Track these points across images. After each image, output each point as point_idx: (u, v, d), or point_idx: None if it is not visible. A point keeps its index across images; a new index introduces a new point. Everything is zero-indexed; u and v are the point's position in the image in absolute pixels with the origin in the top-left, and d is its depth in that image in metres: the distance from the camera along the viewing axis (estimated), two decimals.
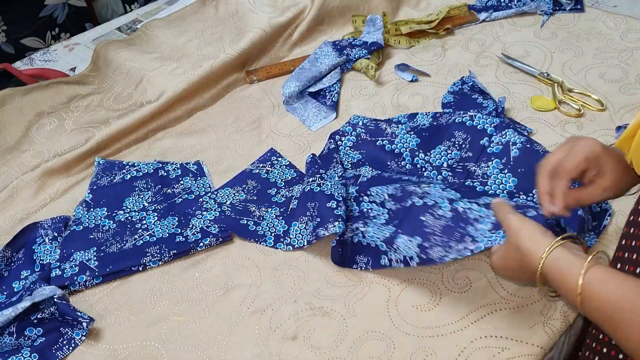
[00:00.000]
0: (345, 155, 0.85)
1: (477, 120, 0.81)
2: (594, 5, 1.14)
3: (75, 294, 0.70)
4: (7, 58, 1.30)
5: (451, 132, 0.81)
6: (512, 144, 0.78)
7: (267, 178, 0.83)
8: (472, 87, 0.94)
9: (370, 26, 1.09)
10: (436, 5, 1.18)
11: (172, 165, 0.86)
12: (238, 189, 0.82)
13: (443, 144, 0.81)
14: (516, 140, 0.78)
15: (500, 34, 1.10)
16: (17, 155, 0.89)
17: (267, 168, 0.85)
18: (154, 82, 0.98)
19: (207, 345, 0.63)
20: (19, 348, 0.63)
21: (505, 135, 0.78)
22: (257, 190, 0.81)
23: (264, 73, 1.05)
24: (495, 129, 0.79)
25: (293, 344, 0.62)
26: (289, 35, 1.11)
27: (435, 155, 0.81)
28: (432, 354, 0.60)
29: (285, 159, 0.86)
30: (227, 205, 0.79)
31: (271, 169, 0.85)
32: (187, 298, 0.68)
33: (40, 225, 0.76)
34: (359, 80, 1.02)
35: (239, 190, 0.82)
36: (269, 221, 0.76)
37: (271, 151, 0.88)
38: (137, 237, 0.74)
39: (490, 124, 0.80)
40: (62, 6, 1.41)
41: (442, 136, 0.82)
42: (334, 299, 0.67)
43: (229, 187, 0.82)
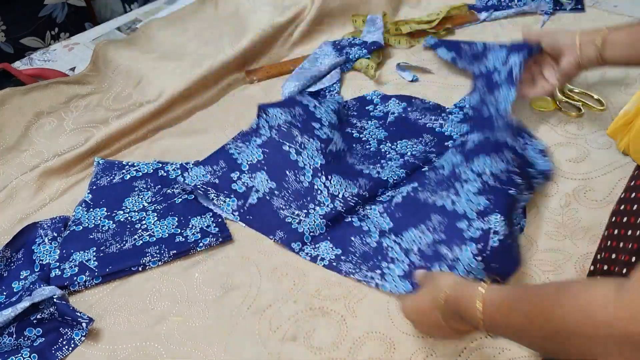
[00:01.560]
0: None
1: (447, 128, 0.87)
2: (594, 5, 1.14)
3: (74, 294, 0.70)
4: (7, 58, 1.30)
5: (420, 133, 0.87)
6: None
7: (313, 112, 0.85)
8: None
9: (370, 26, 1.09)
10: (436, 5, 1.18)
11: (172, 165, 0.86)
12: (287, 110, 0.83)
13: (410, 139, 0.87)
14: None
15: (500, 33, 1.10)
16: (17, 155, 0.89)
17: (314, 102, 0.87)
18: (153, 82, 0.97)
19: (207, 345, 0.63)
20: (19, 348, 0.63)
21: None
22: (302, 119, 0.83)
23: (264, 73, 1.04)
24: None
25: (293, 344, 0.62)
26: (289, 35, 1.10)
27: (400, 145, 0.86)
28: (432, 354, 0.60)
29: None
30: (275, 128, 0.81)
31: (319, 105, 0.86)
32: (187, 298, 0.68)
33: (40, 226, 0.76)
34: (359, 80, 1.02)
35: (287, 113, 0.83)
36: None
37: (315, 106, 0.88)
38: (136, 237, 0.74)
39: (457, 133, 0.86)
40: (62, 6, 1.41)
41: (409, 133, 0.88)
42: (334, 299, 0.66)
43: (278, 107, 0.84)
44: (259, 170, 0.79)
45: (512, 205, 0.69)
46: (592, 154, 0.81)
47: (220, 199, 0.77)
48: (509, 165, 0.72)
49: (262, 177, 0.78)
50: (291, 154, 0.79)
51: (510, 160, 0.73)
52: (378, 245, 0.70)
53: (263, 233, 0.74)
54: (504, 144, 0.75)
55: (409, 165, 0.81)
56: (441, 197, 0.72)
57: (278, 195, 0.76)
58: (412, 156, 0.83)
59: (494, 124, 0.81)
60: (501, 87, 0.85)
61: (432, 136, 0.86)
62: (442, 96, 0.96)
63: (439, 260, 0.65)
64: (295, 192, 0.76)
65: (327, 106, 0.87)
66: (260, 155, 0.80)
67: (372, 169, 0.80)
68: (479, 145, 0.77)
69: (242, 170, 0.80)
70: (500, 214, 0.66)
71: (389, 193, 0.77)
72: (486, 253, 0.63)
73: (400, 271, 0.66)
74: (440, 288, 0.53)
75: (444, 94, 0.96)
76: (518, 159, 0.74)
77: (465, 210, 0.68)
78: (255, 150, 0.81)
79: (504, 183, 0.70)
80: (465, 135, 0.82)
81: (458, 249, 0.65)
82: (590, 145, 0.83)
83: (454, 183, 0.72)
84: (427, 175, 0.77)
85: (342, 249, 0.70)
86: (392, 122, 0.89)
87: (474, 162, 0.73)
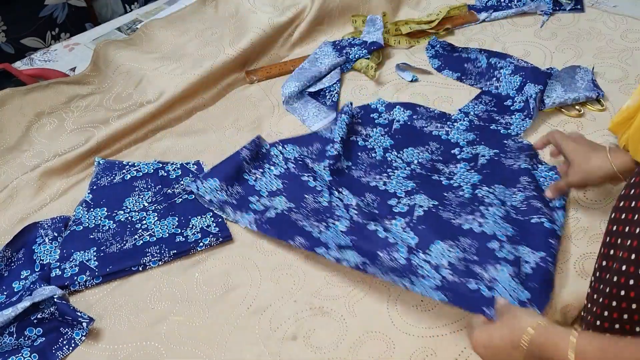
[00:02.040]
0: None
1: (452, 135, 0.86)
2: (594, 5, 1.14)
3: (75, 294, 0.70)
4: (7, 58, 1.30)
5: (426, 141, 0.87)
6: (481, 156, 0.82)
7: (328, 137, 0.86)
8: None
9: (370, 26, 1.09)
10: (436, 5, 1.18)
11: (172, 165, 0.86)
12: (303, 148, 0.86)
13: (417, 147, 0.86)
14: (485, 153, 0.82)
15: (500, 34, 1.10)
16: (17, 155, 0.89)
17: (332, 127, 0.88)
18: (154, 82, 0.98)
19: (207, 345, 0.63)
20: (19, 348, 0.63)
21: (477, 149, 0.83)
22: (319, 151, 0.85)
23: (264, 73, 1.05)
24: (467, 143, 0.85)
25: (293, 344, 0.62)
26: (289, 35, 1.11)
27: (407, 154, 0.85)
28: (432, 354, 0.60)
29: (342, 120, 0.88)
30: (291, 161, 0.82)
31: (334, 127, 0.87)
32: (187, 298, 0.68)
33: (40, 225, 0.76)
34: (359, 80, 1.02)
35: (303, 148, 0.85)
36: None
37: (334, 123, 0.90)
38: (137, 237, 0.74)
39: (464, 140, 0.85)
40: (62, 6, 1.41)
41: (415, 141, 0.87)
42: (334, 299, 0.67)
43: (296, 144, 0.85)
44: (279, 196, 0.78)
45: (539, 230, 0.69)
46: None
47: (237, 214, 0.76)
48: (527, 191, 0.74)
49: (281, 199, 0.77)
50: (309, 182, 0.79)
51: (527, 186, 0.75)
52: (407, 262, 0.66)
53: (281, 238, 0.72)
54: (517, 171, 0.77)
55: (416, 175, 0.80)
56: (466, 220, 0.71)
57: (297, 212, 0.75)
58: (419, 164, 0.82)
59: (502, 143, 0.83)
60: (514, 114, 0.88)
61: (438, 144, 0.85)
62: (442, 96, 0.96)
63: (475, 279, 0.63)
64: (314, 210, 0.75)
65: (342, 120, 0.87)
66: (280, 185, 0.80)
67: (378, 180, 0.80)
68: (492, 165, 0.80)
69: (261, 195, 0.79)
70: (527, 246, 0.67)
71: (404, 201, 0.76)
72: (521, 276, 0.63)
73: (432, 285, 0.63)
74: (522, 328, 0.50)
75: (444, 94, 0.96)
76: (534, 181, 0.76)
77: (494, 231, 0.69)
78: (275, 181, 0.80)
79: (526, 214, 0.71)
80: (473, 146, 0.83)
81: (493, 269, 0.64)
82: None
83: (479, 207, 0.73)
84: (446, 196, 0.76)
85: (370, 260, 0.67)
86: (398, 130, 0.89)
87: (495, 190, 0.75)
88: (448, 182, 0.79)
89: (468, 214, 0.73)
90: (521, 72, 0.93)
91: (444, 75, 1.00)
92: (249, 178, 0.81)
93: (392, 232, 0.71)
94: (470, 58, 1.01)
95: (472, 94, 0.95)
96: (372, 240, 0.69)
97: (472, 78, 0.98)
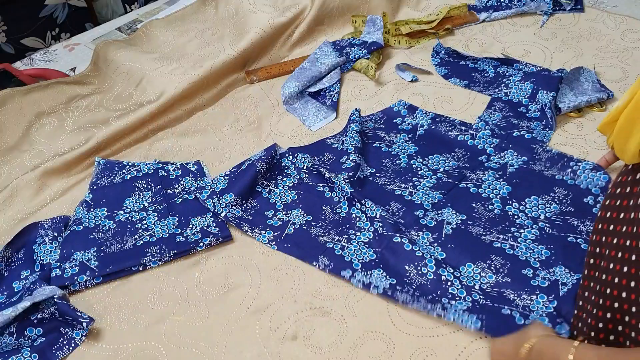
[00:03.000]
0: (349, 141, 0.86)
1: (478, 140, 0.84)
2: (594, 6, 1.14)
3: (75, 294, 0.70)
4: (8, 58, 1.30)
5: (451, 147, 0.84)
6: (510, 165, 0.80)
7: (340, 149, 0.85)
8: None
9: (370, 26, 1.09)
10: (436, 6, 1.18)
11: (172, 165, 0.86)
12: (314, 157, 0.85)
13: (442, 155, 0.84)
14: (514, 162, 0.80)
15: (500, 34, 1.10)
16: (17, 155, 0.89)
17: (342, 138, 0.87)
18: (154, 82, 0.98)
19: (207, 345, 0.63)
20: (19, 348, 0.63)
21: (504, 157, 0.81)
22: (332, 162, 0.84)
23: (264, 73, 1.05)
24: (494, 149, 0.83)
25: (293, 344, 0.62)
26: (289, 35, 1.11)
27: (432, 161, 0.83)
28: (432, 354, 0.60)
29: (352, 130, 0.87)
30: (304, 171, 0.81)
31: (344, 138, 0.87)
32: (187, 298, 0.68)
33: (41, 225, 0.76)
34: (359, 80, 1.02)
35: (315, 158, 0.84)
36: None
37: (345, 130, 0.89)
38: (137, 237, 0.74)
39: (490, 145, 0.83)
40: (62, 6, 1.41)
41: (440, 148, 0.85)
42: (334, 299, 0.67)
43: (307, 153, 0.84)
44: (295, 208, 0.77)
45: (575, 252, 0.67)
46: (592, 154, 0.81)
47: (255, 232, 0.74)
48: (562, 205, 0.72)
49: (298, 212, 0.76)
50: (325, 192, 0.79)
51: (562, 199, 0.73)
52: (436, 277, 0.65)
53: (304, 260, 0.70)
54: (551, 180, 0.76)
55: (443, 184, 0.78)
56: (497, 238, 0.70)
57: (315, 225, 0.74)
58: (446, 173, 0.80)
59: (531, 148, 0.82)
60: (531, 122, 0.86)
61: (464, 150, 0.83)
62: (442, 96, 0.96)
63: (509, 305, 0.62)
64: (334, 222, 0.75)
65: (352, 129, 0.86)
66: (295, 196, 0.79)
67: (404, 190, 0.78)
68: (522, 173, 0.78)
69: (277, 209, 0.77)
70: (564, 266, 0.66)
71: (431, 214, 0.74)
72: (557, 303, 0.62)
73: (464, 306, 0.63)
74: (527, 336, 0.52)
75: (444, 94, 0.96)
76: (571, 193, 0.74)
77: (527, 257, 0.68)
78: (289, 192, 0.79)
79: (562, 229, 0.70)
80: (501, 154, 0.81)
81: (527, 298, 0.63)
82: (590, 146, 0.83)
83: (510, 228, 0.71)
84: (475, 208, 0.74)
85: (397, 279, 0.66)
86: (422, 136, 0.87)
87: (525, 204, 0.74)
88: (476, 189, 0.77)
89: (499, 233, 0.71)
90: (532, 79, 0.91)
91: (452, 82, 0.98)
92: (263, 191, 0.80)
93: (418, 244, 0.69)
94: (478, 68, 0.99)
95: (472, 94, 0.95)
96: (398, 254, 0.68)
97: (480, 86, 0.96)
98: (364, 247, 0.70)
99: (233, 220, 0.75)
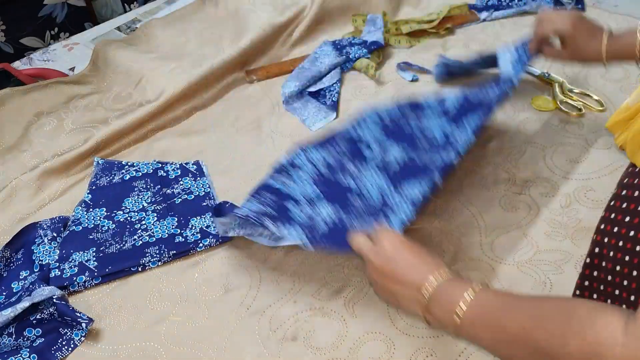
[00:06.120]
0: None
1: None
2: (595, 5, 1.14)
3: (74, 295, 0.69)
4: (7, 58, 1.30)
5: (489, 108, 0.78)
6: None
7: (357, 137, 0.79)
8: None
9: (370, 25, 1.09)
10: (437, 5, 1.18)
11: (172, 165, 0.85)
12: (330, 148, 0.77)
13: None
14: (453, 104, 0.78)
15: (501, 33, 1.10)
16: (16, 155, 0.88)
17: (354, 124, 0.81)
18: (153, 81, 0.97)
19: (206, 345, 0.63)
20: (18, 349, 0.63)
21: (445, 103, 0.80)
22: (350, 150, 0.77)
23: (264, 73, 1.04)
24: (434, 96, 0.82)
25: (293, 344, 0.62)
26: (289, 35, 1.10)
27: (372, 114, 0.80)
28: (432, 354, 0.60)
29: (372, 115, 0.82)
30: (322, 165, 0.74)
31: (359, 125, 0.80)
32: (187, 298, 0.68)
33: (40, 226, 0.76)
34: (359, 79, 1.02)
35: (330, 148, 0.77)
36: None
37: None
38: (136, 238, 0.74)
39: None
40: (62, 6, 1.41)
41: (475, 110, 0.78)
42: (334, 300, 0.66)
43: (319, 147, 0.77)
44: (319, 202, 0.69)
45: None
46: (592, 154, 0.81)
47: (281, 228, 0.64)
48: None
49: (324, 205, 0.68)
50: (350, 183, 0.71)
51: None
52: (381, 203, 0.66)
53: (346, 253, 0.63)
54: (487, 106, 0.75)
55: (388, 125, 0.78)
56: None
57: (348, 217, 0.66)
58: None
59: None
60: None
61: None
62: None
63: None
64: (368, 208, 0.67)
65: (367, 126, 0.79)
66: (317, 190, 0.71)
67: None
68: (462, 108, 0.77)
69: (297, 201, 0.69)
70: None
71: (374, 151, 0.74)
72: None
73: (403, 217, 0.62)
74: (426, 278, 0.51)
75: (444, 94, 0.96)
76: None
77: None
78: (309, 187, 0.71)
79: None
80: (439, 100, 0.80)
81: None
82: (591, 145, 0.82)
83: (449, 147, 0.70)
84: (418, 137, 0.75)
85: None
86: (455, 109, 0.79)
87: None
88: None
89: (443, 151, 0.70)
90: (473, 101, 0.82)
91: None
92: (281, 187, 0.71)
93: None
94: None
95: None
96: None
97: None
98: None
99: (254, 217, 0.65)
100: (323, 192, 0.71)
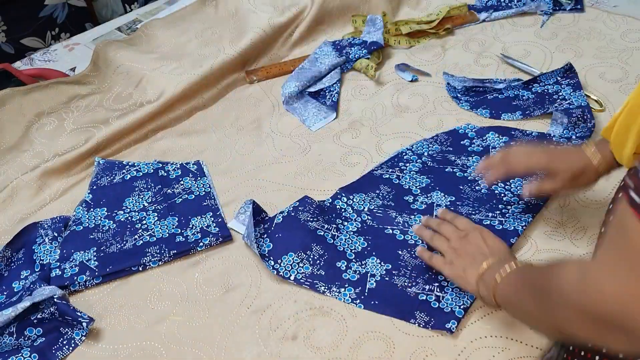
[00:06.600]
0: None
1: (460, 125, 0.87)
2: (594, 5, 1.14)
3: (75, 294, 0.70)
4: (7, 58, 1.30)
5: (435, 134, 0.87)
6: (492, 148, 0.82)
7: (399, 184, 0.79)
8: None
9: (370, 26, 1.09)
10: (436, 5, 1.18)
11: (172, 165, 0.86)
12: (372, 194, 0.77)
13: (426, 139, 0.86)
14: (496, 144, 0.82)
15: (500, 34, 1.10)
16: (17, 155, 0.89)
17: (397, 173, 0.80)
18: (153, 82, 0.98)
19: (207, 345, 0.63)
20: (19, 348, 0.63)
21: (486, 140, 0.83)
22: (393, 196, 0.77)
23: (264, 73, 1.05)
24: (476, 133, 0.85)
25: (293, 344, 0.62)
26: (289, 35, 1.10)
27: (416, 146, 0.85)
28: (432, 354, 0.60)
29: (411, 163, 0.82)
30: (365, 213, 0.75)
31: (401, 174, 0.80)
32: (187, 298, 0.68)
33: (40, 225, 0.76)
34: (359, 80, 1.02)
35: (374, 196, 0.77)
36: None
37: (398, 156, 0.83)
38: (137, 237, 0.74)
39: (471, 129, 0.86)
40: (62, 6, 1.41)
41: None
42: (334, 299, 0.66)
43: (363, 193, 0.77)
44: (368, 257, 0.70)
45: None
46: None
47: (333, 291, 0.66)
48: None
49: (373, 261, 0.69)
50: (397, 235, 0.72)
51: None
52: None
53: (398, 317, 0.63)
54: None
55: (428, 168, 0.80)
56: (487, 217, 0.72)
57: (398, 275, 0.67)
58: (429, 156, 0.82)
59: (511, 135, 0.84)
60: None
61: (446, 135, 0.86)
62: (442, 96, 0.96)
63: None
64: (417, 268, 0.68)
65: (410, 169, 0.80)
66: (364, 243, 0.71)
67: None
68: None
69: (348, 259, 0.69)
70: None
71: (421, 199, 0.76)
72: None
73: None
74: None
75: (444, 94, 0.96)
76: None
77: (514, 227, 0.71)
78: (355, 238, 0.72)
79: None
80: (482, 137, 0.84)
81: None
82: None
83: (498, 205, 0.74)
84: (463, 190, 0.76)
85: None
86: None
87: (511, 184, 0.77)
88: (462, 174, 0.79)
89: (488, 211, 0.73)
90: None
91: (479, 114, 0.91)
92: (326, 235, 0.71)
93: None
94: (493, 88, 0.95)
95: None
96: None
97: (501, 107, 0.91)
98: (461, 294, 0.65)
99: (305, 282, 0.67)
100: (369, 244, 0.72)
